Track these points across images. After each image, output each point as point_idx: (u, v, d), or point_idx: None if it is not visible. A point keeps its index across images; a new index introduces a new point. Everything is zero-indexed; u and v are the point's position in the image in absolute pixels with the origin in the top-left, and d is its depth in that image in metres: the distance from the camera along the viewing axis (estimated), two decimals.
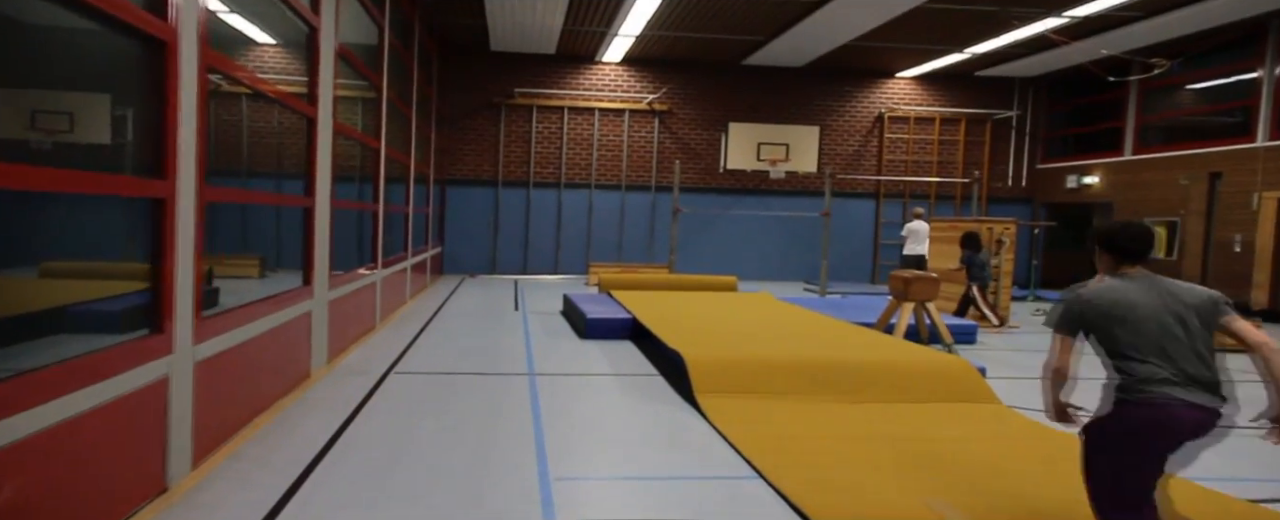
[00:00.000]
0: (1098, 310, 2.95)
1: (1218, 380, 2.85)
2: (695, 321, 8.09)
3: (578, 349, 7.89)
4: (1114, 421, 2.89)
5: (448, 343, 8.09)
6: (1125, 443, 2.85)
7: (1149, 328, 2.87)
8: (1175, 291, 2.93)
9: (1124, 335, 2.89)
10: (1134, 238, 3.02)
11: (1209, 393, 2.81)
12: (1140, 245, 3.02)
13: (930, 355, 6.30)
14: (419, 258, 12.84)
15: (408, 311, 10.48)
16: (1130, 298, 2.92)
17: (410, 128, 11.52)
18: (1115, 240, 3.04)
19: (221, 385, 4.15)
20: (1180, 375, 2.81)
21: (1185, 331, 2.86)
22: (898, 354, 6.40)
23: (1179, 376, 2.81)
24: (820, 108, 17.46)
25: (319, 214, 6.06)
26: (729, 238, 17.33)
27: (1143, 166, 14.75)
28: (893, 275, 8.55)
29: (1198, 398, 2.78)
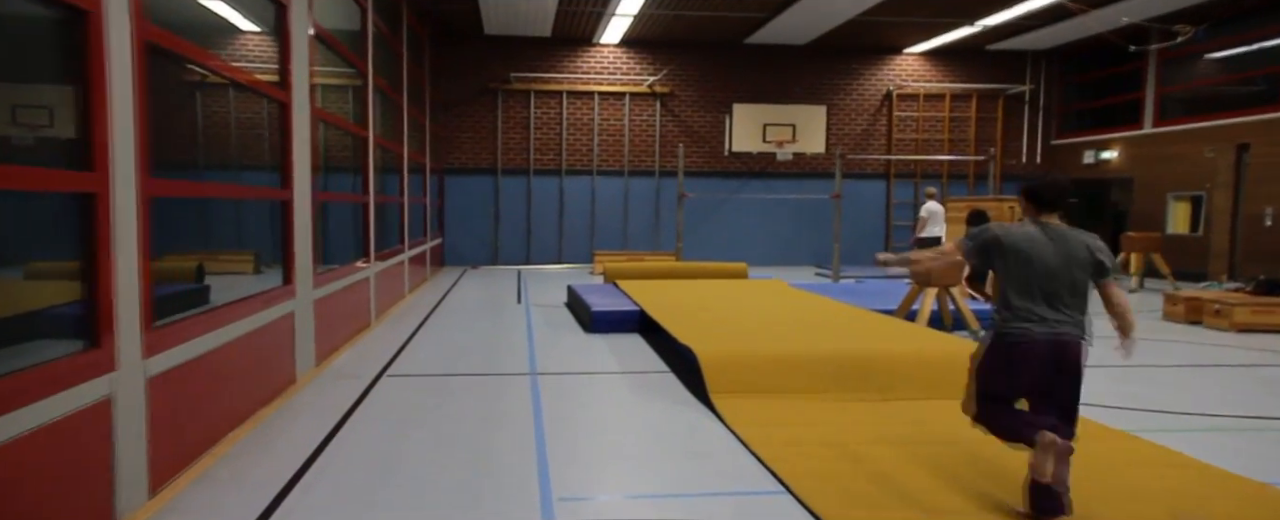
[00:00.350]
0: (1004, 247, 3.42)
1: (1082, 323, 3.41)
2: (706, 313, 7.65)
3: (583, 344, 7.46)
4: (990, 349, 3.48)
5: (446, 340, 7.66)
6: (997, 364, 3.45)
7: (1038, 271, 3.35)
8: (1074, 249, 3.38)
9: (1016, 273, 3.38)
10: (1049, 187, 3.46)
11: (1072, 330, 3.36)
12: (1055, 194, 3.45)
13: (962, 346, 5.85)
14: (417, 250, 12.40)
15: (406, 306, 10.06)
16: (1034, 243, 3.37)
17: (401, 116, 11.05)
18: (1034, 191, 3.47)
19: (183, 401, 3.72)
20: (1050, 315, 3.34)
21: (1070, 281, 3.37)
22: (926, 345, 5.95)
23: (1050, 316, 3.34)
24: (826, 86, 16.95)
25: (298, 207, 5.62)
26: (736, 223, 16.86)
27: (1164, 139, 14.23)
28: (911, 259, 8.07)
29: (1060, 334, 3.33)
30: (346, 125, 7.69)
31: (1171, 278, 12.19)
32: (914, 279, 8.10)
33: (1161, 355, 7.15)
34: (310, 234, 5.97)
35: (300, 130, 5.67)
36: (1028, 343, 3.32)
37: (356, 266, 7.87)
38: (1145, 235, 12.32)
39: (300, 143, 5.67)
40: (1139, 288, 12.17)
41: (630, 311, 8.14)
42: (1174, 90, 14.51)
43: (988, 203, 10.23)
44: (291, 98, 5.45)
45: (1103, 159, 15.62)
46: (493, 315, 9.40)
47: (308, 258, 5.90)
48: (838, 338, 6.27)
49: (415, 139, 12.71)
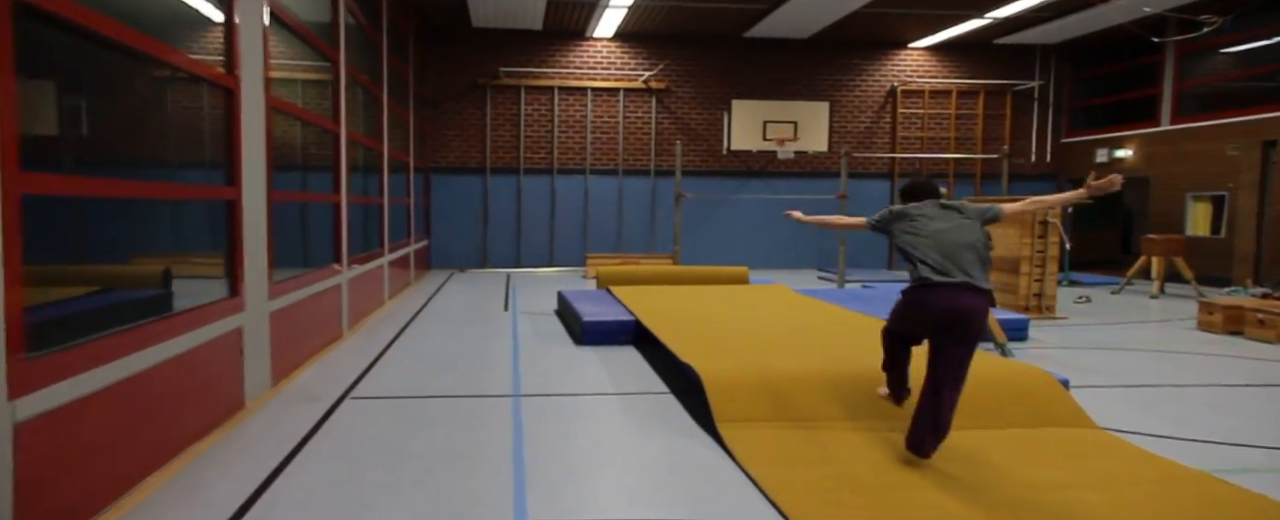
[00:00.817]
0: (904, 216, 4.07)
1: (984, 276, 3.85)
2: (707, 324, 6.99)
3: (573, 358, 6.79)
4: (901, 302, 4.12)
5: (423, 354, 6.98)
6: (905, 315, 4.10)
7: (931, 236, 3.90)
8: (964, 210, 4.02)
9: (915, 240, 3.94)
10: (916, 187, 4.20)
11: (971, 288, 3.79)
12: (920, 191, 4.16)
13: (1000, 365, 5.19)
14: (399, 253, 11.72)
15: (385, 314, 9.37)
16: (927, 214, 4.01)
17: (381, 111, 10.36)
18: (907, 190, 4.24)
19: (73, 448, 3.04)
20: (950, 272, 3.79)
21: (967, 239, 3.88)
22: None
23: (950, 273, 3.79)
24: (828, 82, 16.30)
25: (248, 208, 4.94)
26: (735, 224, 16.20)
27: (1183, 137, 13.62)
28: None
29: (959, 287, 3.77)
30: (310, 117, 7.00)
31: (1196, 283, 11.57)
32: None
33: (1218, 372, 6.51)
34: (264, 238, 5.29)
35: (252, 121, 4.98)
36: (930, 298, 3.85)
37: (325, 272, 7.19)
38: (1167, 238, 11.69)
39: (252, 135, 4.99)
40: (1160, 293, 11.55)
41: (624, 322, 7.48)
42: (1194, 85, 13.89)
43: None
44: (240, 83, 4.77)
45: (1117, 157, 15.00)
46: (477, 324, 8.73)
47: (261, 265, 5.22)
48: (858, 353, 5.61)
49: (397, 136, 12.02)
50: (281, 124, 6.50)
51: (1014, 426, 4.50)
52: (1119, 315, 9.78)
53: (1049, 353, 7.18)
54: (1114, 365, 6.70)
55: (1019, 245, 9.20)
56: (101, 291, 3.97)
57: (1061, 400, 4.72)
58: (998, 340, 6.99)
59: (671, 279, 10.55)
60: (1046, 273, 9.23)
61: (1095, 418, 4.71)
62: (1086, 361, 6.82)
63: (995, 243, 9.41)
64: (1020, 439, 4.36)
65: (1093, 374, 6.21)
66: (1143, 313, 10.06)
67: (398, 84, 12.04)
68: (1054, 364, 6.57)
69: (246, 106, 4.89)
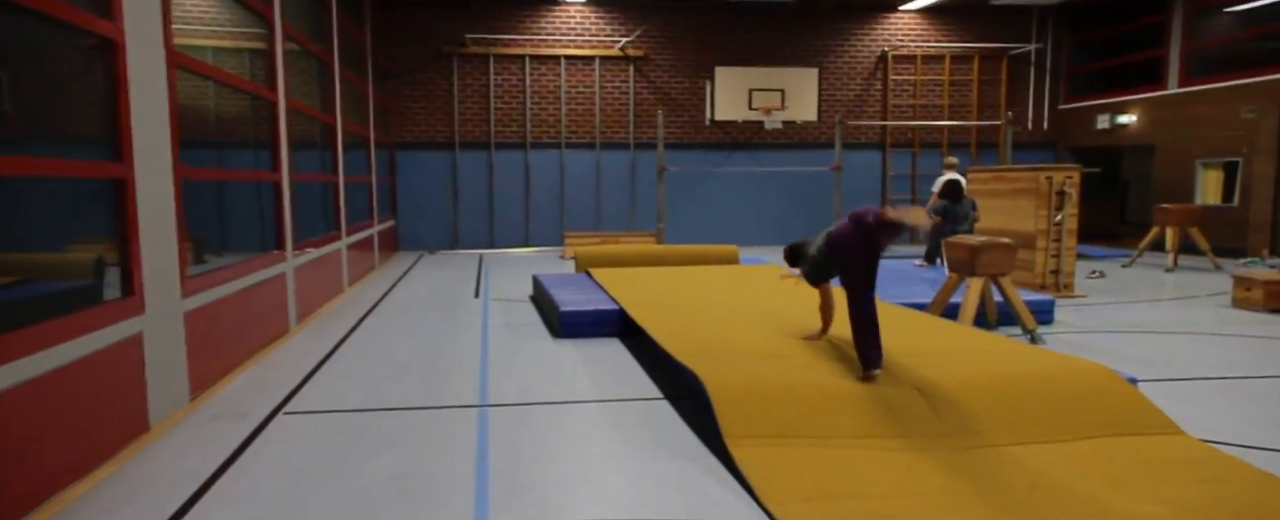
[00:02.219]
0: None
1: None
2: (701, 313, 6.17)
3: (549, 355, 5.95)
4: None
5: (378, 353, 6.11)
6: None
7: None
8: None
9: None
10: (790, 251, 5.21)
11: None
12: (792, 255, 5.19)
13: (1055, 363, 4.41)
14: (360, 235, 10.79)
15: (342, 303, 8.48)
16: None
17: (334, 81, 9.39)
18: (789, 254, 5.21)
19: None
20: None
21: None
22: (1006, 360, 4.51)
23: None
24: (816, 48, 15.44)
25: (144, 190, 4.02)
26: (720, 199, 15.37)
27: (1192, 100, 12.92)
28: (951, 242, 6.65)
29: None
30: (237, 82, 6.05)
31: (1212, 255, 10.91)
32: (952, 266, 6.67)
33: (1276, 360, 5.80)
34: (173, 225, 4.38)
35: (145, 82, 4.06)
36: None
37: (264, 261, 6.28)
38: (1182, 207, 11.01)
39: (147, 100, 4.06)
40: (1175, 266, 10.88)
41: (607, 311, 6.64)
42: (1204, 45, 13.17)
43: (1021, 172, 8.82)
44: (124, 34, 3.83)
45: (1119, 124, 14.30)
46: (443, 314, 7.86)
47: (168, 257, 4.32)
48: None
49: (355, 109, 11.04)
50: (202, 91, 5.57)
51: (1085, 437, 3.73)
52: (1141, 292, 9.08)
53: (1081, 339, 6.44)
54: (1160, 352, 5.96)
55: (1034, 219, 8.45)
56: None
57: (1136, 403, 3.95)
58: (1027, 326, 6.23)
59: (655, 260, 9.72)
60: (1064, 248, 8.49)
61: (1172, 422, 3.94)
62: (1127, 348, 6.08)
63: (1009, 216, 8.67)
64: (1095, 452, 3.58)
65: (1142, 365, 5.46)
66: (1165, 288, 9.38)
67: (353, 51, 11.03)
68: (1092, 352, 5.82)
69: (137, 64, 3.96)
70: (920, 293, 7.44)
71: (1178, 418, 4.05)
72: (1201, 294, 8.78)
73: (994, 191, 9.11)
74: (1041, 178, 8.44)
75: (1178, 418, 4.05)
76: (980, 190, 9.43)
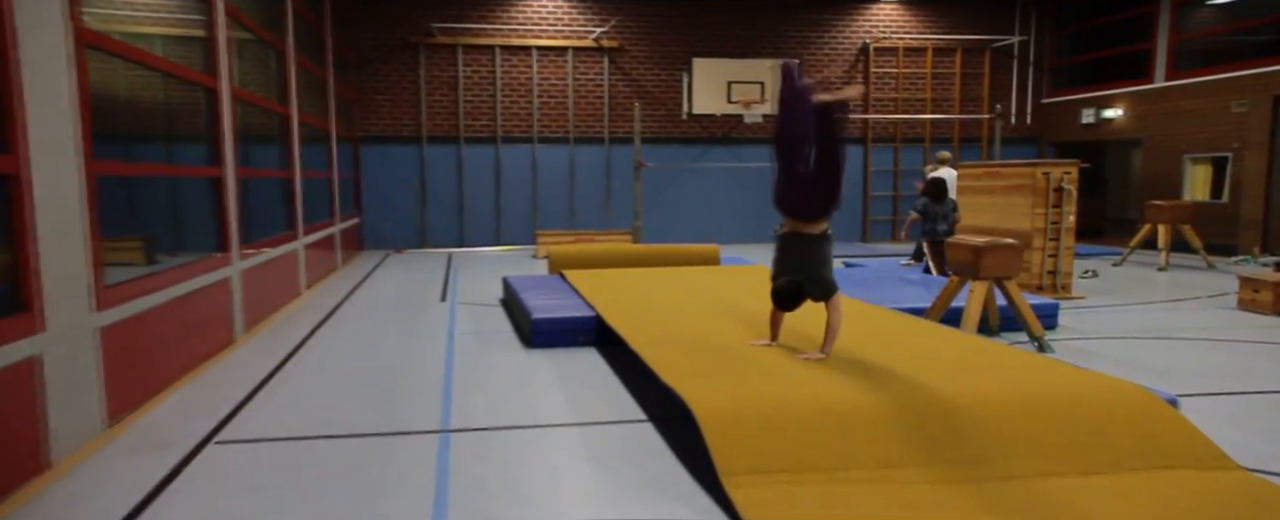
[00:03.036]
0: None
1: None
2: (685, 321, 5.68)
3: (521, 369, 5.43)
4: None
5: (331, 366, 5.55)
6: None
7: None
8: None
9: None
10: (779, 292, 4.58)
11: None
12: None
13: (1083, 379, 3.97)
14: (320, 234, 10.18)
15: (298, 309, 7.89)
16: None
17: (288, 70, 8.77)
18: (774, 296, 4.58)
19: None
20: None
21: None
22: (1028, 375, 4.06)
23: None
24: (797, 39, 15.00)
25: (42, 185, 3.45)
26: (697, 196, 14.90)
27: (1180, 94, 12.64)
28: (953, 243, 6.21)
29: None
30: (166, 65, 5.45)
31: (1205, 252, 10.62)
32: (953, 268, 6.24)
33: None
34: (83, 227, 3.81)
35: (42, 61, 3.48)
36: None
37: (204, 265, 5.69)
38: (1174, 204, 10.71)
39: (44, 82, 3.49)
40: (1167, 265, 10.57)
41: (583, 318, 6.13)
42: (1192, 37, 12.89)
43: (1016, 168, 8.42)
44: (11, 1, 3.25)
45: (1104, 118, 14.01)
46: (406, 321, 7.30)
47: (76, 265, 3.74)
48: (884, 362, 4.35)
49: (314, 100, 10.42)
50: (147, 81, 4.99)
51: (1130, 469, 3.28)
52: (1139, 293, 8.73)
53: (1090, 346, 6.03)
54: (1177, 361, 5.57)
55: (1031, 216, 8.06)
56: None
57: (1181, 430, 3.51)
58: (1034, 333, 5.81)
59: (633, 260, 9.22)
60: (1061, 247, 8.11)
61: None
62: (1141, 357, 5.68)
63: (1003, 214, 8.28)
64: (1150, 490, 3.13)
65: (1161, 376, 5.05)
66: (1163, 289, 9.04)
67: (311, 40, 10.41)
68: (1104, 361, 5.41)
69: (30, 41, 3.38)
70: (916, 296, 7.01)
71: (1217, 441, 3.62)
72: (1202, 295, 8.45)
73: (986, 188, 8.71)
74: (1038, 174, 8.04)
75: (1217, 441, 3.62)
76: (972, 187, 9.03)
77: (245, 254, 6.67)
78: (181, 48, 6.16)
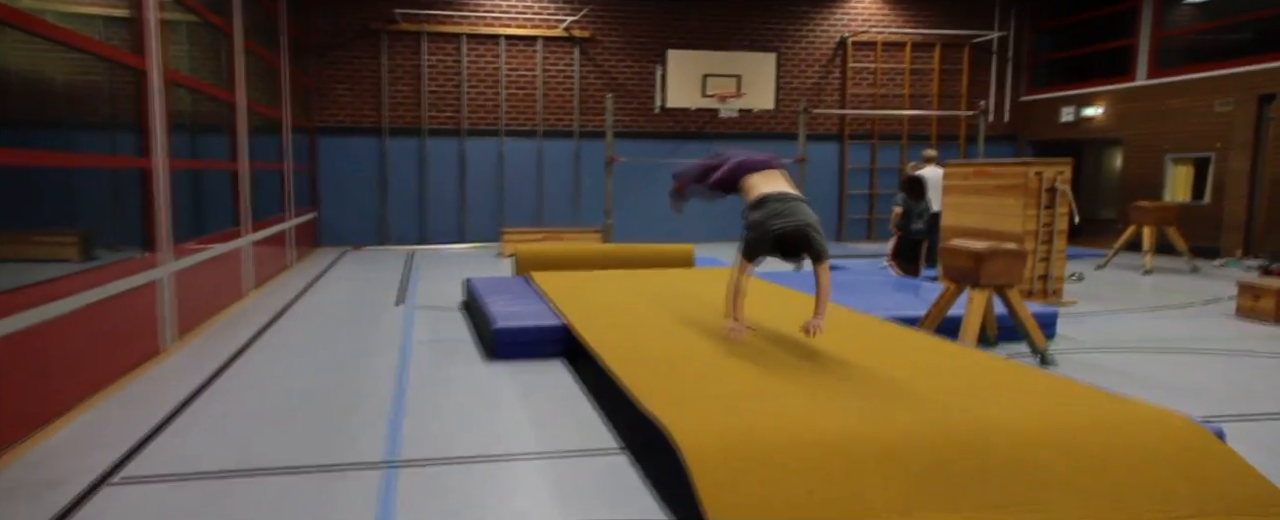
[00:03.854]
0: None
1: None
2: (661, 330, 5.20)
3: (481, 385, 4.90)
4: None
5: (267, 383, 4.98)
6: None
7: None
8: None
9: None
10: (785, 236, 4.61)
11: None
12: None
13: (1117, 407, 3.54)
14: (270, 230, 9.54)
15: (240, 312, 7.27)
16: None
17: (233, 54, 8.12)
18: (778, 240, 4.60)
19: None
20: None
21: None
22: (1052, 400, 3.61)
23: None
24: (774, 31, 14.56)
25: None
26: (667, 193, 14.35)
27: (1163, 92, 12.40)
28: (949, 248, 5.78)
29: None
30: (73, 39, 4.83)
31: (1190, 255, 10.36)
32: (949, 275, 5.81)
33: None
34: None
35: None
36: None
37: (124, 268, 5.08)
38: (1159, 205, 10.44)
39: None
40: (1151, 268, 10.29)
41: (550, 327, 5.61)
42: (1175, 33, 12.66)
43: (1006, 167, 8.04)
44: None
45: (1085, 116, 13.76)
46: (357, 327, 6.72)
47: None
48: (889, 385, 3.89)
49: (264, 88, 9.77)
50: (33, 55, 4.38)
51: (1186, 518, 2.85)
52: (1130, 298, 8.41)
53: (1093, 359, 5.64)
54: (1197, 379, 5.19)
55: (1022, 218, 7.68)
56: None
57: (1237, 471, 3.08)
58: (1037, 345, 5.40)
59: (603, 261, 8.73)
60: (1053, 250, 7.75)
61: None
62: (1149, 373, 5.29)
63: (992, 215, 7.91)
64: None
65: (1187, 397, 4.66)
66: (1154, 293, 8.72)
67: (262, 22, 9.75)
68: (1113, 376, 5.02)
69: None
70: (907, 303, 6.58)
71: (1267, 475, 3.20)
72: (1195, 301, 8.14)
73: (975, 188, 8.33)
74: (1031, 173, 7.66)
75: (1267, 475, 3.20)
76: (959, 186, 8.64)
77: (178, 253, 6.05)
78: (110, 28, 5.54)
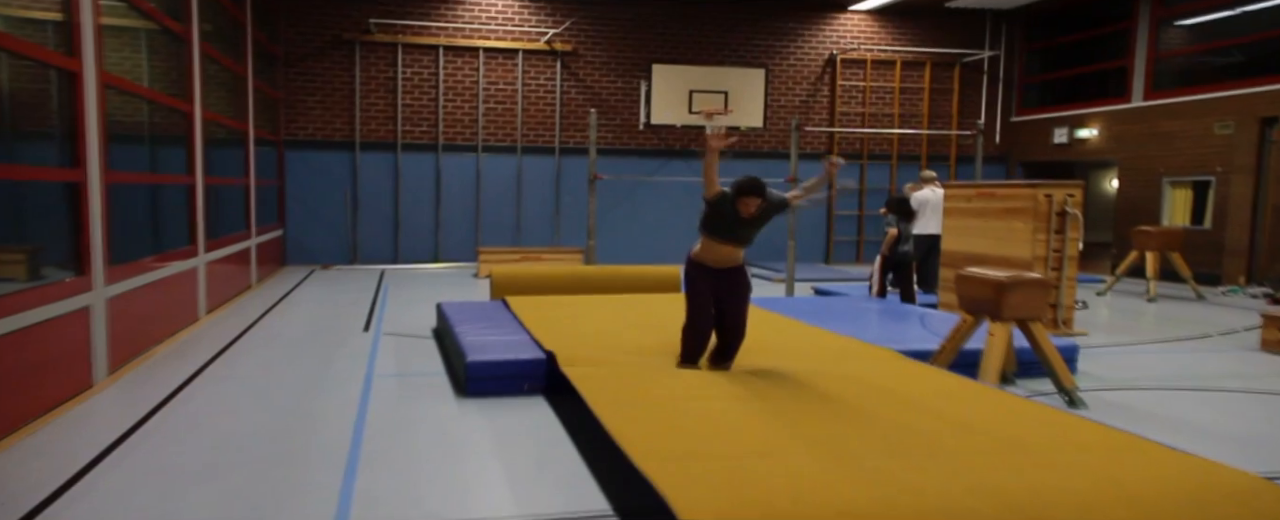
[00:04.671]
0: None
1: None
2: (653, 369, 4.69)
3: (452, 429, 4.35)
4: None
5: (203, 427, 4.40)
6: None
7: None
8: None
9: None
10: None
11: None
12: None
13: (1193, 471, 3.06)
14: (230, 249, 8.94)
15: (188, 340, 6.67)
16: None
17: (191, 59, 7.56)
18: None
19: None
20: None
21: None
22: (1115, 464, 3.13)
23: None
24: (761, 47, 14.18)
25: None
26: (652, 212, 13.92)
27: (1159, 114, 12.11)
28: (967, 277, 5.32)
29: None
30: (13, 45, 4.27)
31: (1194, 283, 10.01)
32: (966, 306, 5.34)
33: None
34: None
35: None
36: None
37: (40, 295, 4.49)
38: (1163, 230, 10.09)
39: None
40: (1155, 295, 9.92)
41: (529, 361, 5.08)
42: (1172, 54, 12.39)
43: (1014, 189, 7.63)
44: None
45: (1078, 138, 13.46)
46: (317, 358, 6.14)
47: None
48: (919, 438, 3.38)
49: (225, 98, 9.20)
50: None
51: None
52: (1142, 328, 8.01)
53: (1124, 399, 5.18)
54: (1248, 426, 4.73)
55: (1032, 243, 7.25)
56: None
57: None
58: (1064, 384, 4.93)
59: (585, 284, 8.20)
60: (1064, 277, 7.32)
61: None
62: (1198, 417, 4.83)
63: (998, 239, 7.48)
64: None
65: (1238, 446, 4.19)
66: (1166, 324, 8.31)
67: (225, 28, 9.19)
68: (1159, 425, 4.55)
69: None
70: (915, 335, 6.11)
71: None
72: (1212, 332, 7.74)
73: (979, 210, 7.91)
74: (1040, 195, 7.25)
75: None
76: (961, 209, 8.22)
77: (115, 276, 5.46)
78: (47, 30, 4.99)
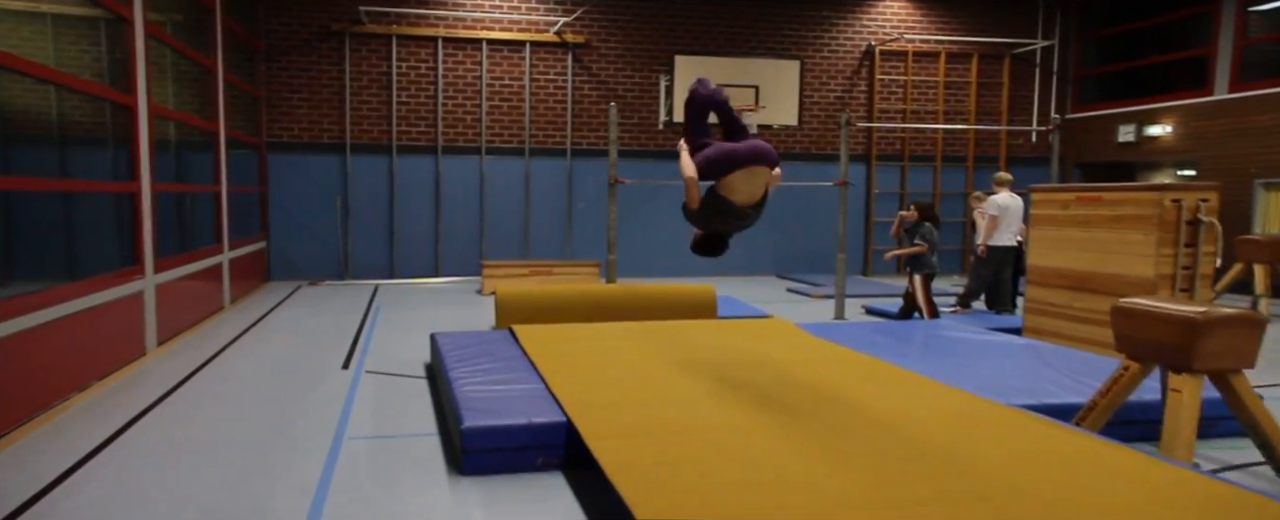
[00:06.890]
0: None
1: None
2: (701, 419, 3.40)
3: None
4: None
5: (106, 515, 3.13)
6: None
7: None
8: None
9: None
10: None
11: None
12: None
13: None
14: (193, 266, 7.69)
15: (126, 381, 5.41)
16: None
17: (132, 43, 6.31)
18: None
19: None
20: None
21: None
22: None
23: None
24: (794, 38, 12.91)
25: None
26: (671, 220, 12.51)
27: (1249, 107, 10.77)
28: (1132, 309, 3.98)
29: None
30: None
31: None
32: (1129, 349, 4.01)
33: None
34: None
35: None
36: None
37: None
38: (1275, 240, 8.76)
39: None
40: (1268, 315, 8.57)
41: (543, 427, 3.78)
42: (1264, 40, 11.06)
43: (1129, 193, 6.30)
44: None
45: (1147, 136, 12.12)
46: (278, 410, 4.87)
47: None
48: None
49: (196, 94, 7.97)
50: None
51: None
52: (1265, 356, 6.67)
53: None
54: None
55: (1156, 259, 5.93)
56: None
57: None
58: None
59: (607, 308, 6.94)
60: (1194, 291, 6.00)
61: None
62: None
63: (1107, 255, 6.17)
64: None
65: None
66: None
67: (196, 19, 7.97)
68: None
69: None
70: (1039, 380, 4.78)
71: None
72: None
73: (1078, 219, 6.59)
74: (1166, 200, 5.92)
75: None
76: (1053, 217, 6.89)
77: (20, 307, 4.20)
78: None
